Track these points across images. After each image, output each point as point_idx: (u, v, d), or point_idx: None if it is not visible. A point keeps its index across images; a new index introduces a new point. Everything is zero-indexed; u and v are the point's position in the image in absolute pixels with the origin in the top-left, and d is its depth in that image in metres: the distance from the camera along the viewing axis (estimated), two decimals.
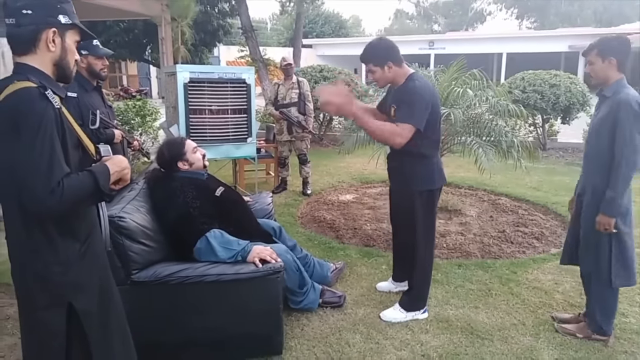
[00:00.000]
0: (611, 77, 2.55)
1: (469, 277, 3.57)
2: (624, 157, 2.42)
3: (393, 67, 2.73)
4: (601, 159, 2.54)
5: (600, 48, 2.53)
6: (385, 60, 2.71)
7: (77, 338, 1.53)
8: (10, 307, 3.03)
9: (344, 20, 37.67)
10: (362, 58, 2.78)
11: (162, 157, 2.88)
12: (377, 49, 2.75)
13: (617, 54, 2.51)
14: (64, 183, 1.33)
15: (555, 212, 5.21)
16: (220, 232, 2.61)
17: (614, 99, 2.48)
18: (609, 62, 2.52)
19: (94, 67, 3.30)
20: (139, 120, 6.69)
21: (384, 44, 2.77)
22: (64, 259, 1.45)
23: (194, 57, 15.52)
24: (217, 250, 2.53)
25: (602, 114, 2.55)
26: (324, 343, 2.72)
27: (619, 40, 2.57)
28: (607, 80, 2.56)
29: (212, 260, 2.53)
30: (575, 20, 38.29)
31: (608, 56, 2.51)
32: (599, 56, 2.54)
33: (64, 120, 1.42)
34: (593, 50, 2.56)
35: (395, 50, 2.75)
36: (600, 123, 2.56)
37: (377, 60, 2.73)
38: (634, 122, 2.41)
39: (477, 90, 4.81)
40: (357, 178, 6.91)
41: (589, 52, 2.59)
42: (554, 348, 2.69)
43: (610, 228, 2.50)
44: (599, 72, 2.57)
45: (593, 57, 2.56)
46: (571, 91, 8.47)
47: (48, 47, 1.45)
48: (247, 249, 2.56)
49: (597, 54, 2.54)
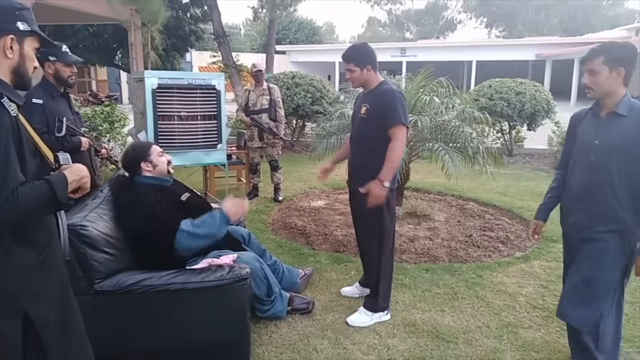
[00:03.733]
0: (617, 91, 2.13)
1: (436, 281, 3.63)
2: None
3: (371, 71, 2.94)
4: (633, 192, 2.13)
5: (607, 56, 2.10)
6: (365, 63, 2.91)
7: (35, 349, 1.49)
8: None
9: (317, 27, 37.94)
10: (345, 56, 2.95)
11: (126, 158, 2.87)
12: (362, 51, 2.96)
13: (626, 64, 2.10)
14: (19, 192, 1.31)
15: (520, 216, 5.35)
16: (188, 220, 2.62)
17: (637, 115, 2.10)
18: (617, 74, 2.10)
19: (61, 74, 3.25)
20: (107, 127, 6.57)
21: (367, 48, 2.99)
22: (20, 267, 1.43)
23: (165, 62, 15.38)
24: (198, 232, 2.57)
25: (622, 137, 2.12)
26: (292, 349, 2.72)
27: (627, 48, 2.14)
28: (612, 95, 2.15)
29: (200, 244, 2.59)
30: (542, 29, 39.46)
31: (617, 66, 2.09)
32: (605, 65, 2.10)
33: (20, 128, 1.40)
34: (598, 57, 2.12)
35: (375, 56, 2.97)
36: (628, 147, 2.11)
37: (359, 61, 2.92)
38: None
39: (444, 97, 4.92)
40: (328, 184, 6.93)
41: (592, 58, 2.14)
42: (517, 350, 2.76)
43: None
44: (603, 85, 2.13)
45: (598, 65, 2.12)
46: (536, 99, 8.72)
47: (5, 54, 1.43)
48: (219, 215, 2.63)
49: (604, 62, 2.10)
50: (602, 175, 2.18)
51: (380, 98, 2.89)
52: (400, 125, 2.82)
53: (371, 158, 2.92)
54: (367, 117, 2.93)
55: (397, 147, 2.82)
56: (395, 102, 2.83)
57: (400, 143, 2.83)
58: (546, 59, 26.07)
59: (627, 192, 2.13)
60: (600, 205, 2.20)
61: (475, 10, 45.63)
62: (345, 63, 2.95)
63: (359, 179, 3.07)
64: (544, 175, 7.79)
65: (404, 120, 2.84)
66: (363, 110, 2.95)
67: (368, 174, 2.95)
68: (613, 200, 2.16)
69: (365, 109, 2.94)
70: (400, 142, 2.83)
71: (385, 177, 2.78)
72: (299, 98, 9.23)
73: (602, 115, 2.22)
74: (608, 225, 2.18)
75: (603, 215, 2.20)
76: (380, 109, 2.87)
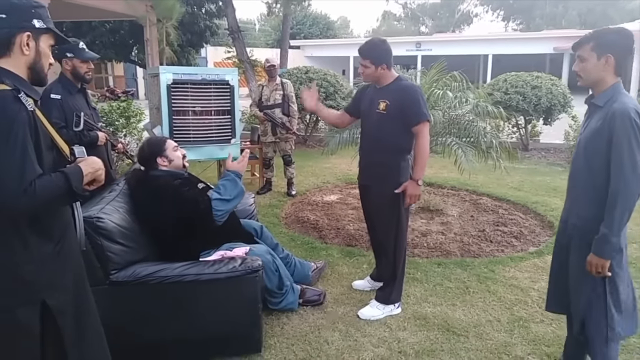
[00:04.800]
0: (606, 80, 2.03)
1: (448, 275, 3.64)
2: (621, 187, 1.92)
3: (385, 69, 2.93)
4: (593, 184, 2.05)
5: (597, 41, 2.01)
6: (381, 61, 2.90)
7: (52, 338, 1.54)
8: None
9: (331, 22, 37.84)
10: (362, 51, 2.94)
11: (142, 153, 2.94)
12: (379, 49, 2.94)
13: (617, 51, 1.99)
14: (36, 184, 1.36)
15: (534, 211, 5.31)
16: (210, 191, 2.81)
17: (609, 109, 1.97)
18: (605, 61, 2.00)
19: (78, 70, 3.31)
20: (123, 122, 6.67)
21: (385, 46, 2.97)
22: (38, 257, 1.48)
23: (180, 58, 15.49)
24: (226, 196, 2.77)
25: (593, 128, 2.04)
26: (303, 341, 2.76)
27: (620, 34, 2.03)
28: (600, 83, 2.06)
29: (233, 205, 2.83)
30: (560, 22, 38.82)
31: (605, 52, 1.99)
32: (594, 51, 2.01)
33: (37, 122, 1.45)
34: (587, 43, 2.03)
35: (391, 54, 2.96)
36: (590, 139, 2.05)
37: (374, 58, 2.91)
38: (633, 139, 1.89)
39: (458, 92, 4.89)
40: (341, 178, 6.96)
41: (582, 45, 2.06)
42: (528, 344, 2.76)
43: (604, 271, 2.00)
44: (591, 72, 2.05)
45: (586, 52, 2.03)
46: (552, 93, 8.61)
47: (22, 50, 1.48)
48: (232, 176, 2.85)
49: (593, 48, 2.01)
50: (576, 170, 2.18)
51: (402, 95, 2.89)
52: (425, 122, 2.87)
53: (387, 153, 2.94)
54: (387, 113, 2.90)
55: (425, 144, 2.88)
56: (418, 98, 2.86)
57: (427, 140, 2.89)
58: (564, 52, 25.61)
59: (590, 185, 2.07)
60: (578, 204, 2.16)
61: (492, 3, 45.02)
62: (361, 58, 2.95)
63: (372, 174, 3.08)
64: (559, 170, 7.70)
65: (429, 116, 2.89)
66: (382, 106, 2.90)
67: (382, 169, 2.97)
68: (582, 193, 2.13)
69: (385, 105, 2.90)
70: (427, 139, 2.88)
71: (418, 176, 2.90)
72: None
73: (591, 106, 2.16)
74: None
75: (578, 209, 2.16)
76: (402, 106, 2.86)
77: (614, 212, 1.93)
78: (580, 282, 2.13)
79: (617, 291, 2.08)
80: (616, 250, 2.00)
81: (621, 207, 1.93)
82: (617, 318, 2.08)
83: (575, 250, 2.15)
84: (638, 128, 1.90)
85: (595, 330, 2.10)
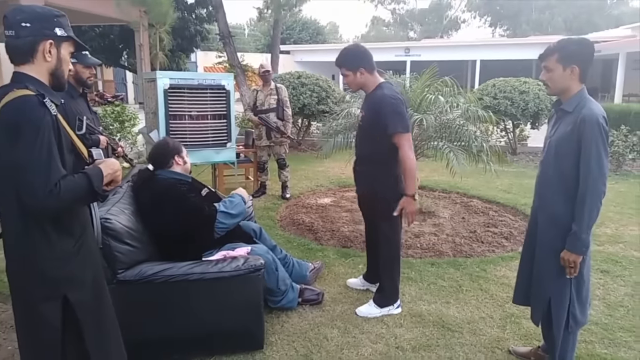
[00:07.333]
0: (572, 87, 2.17)
1: (441, 274, 3.75)
2: (590, 186, 2.07)
3: (365, 73, 2.86)
4: (563, 184, 2.18)
5: (561, 53, 2.14)
6: (357, 66, 2.84)
7: (72, 330, 1.62)
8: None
9: (321, 27, 38.02)
10: (337, 62, 2.90)
11: (160, 149, 2.98)
12: (351, 54, 2.89)
13: (581, 61, 2.13)
14: (61, 184, 1.44)
15: (524, 213, 5.44)
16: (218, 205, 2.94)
17: (577, 115, 2.11)
18: (571, 71, 2.14)
19: (81, 75, 3.39)
20: (117, 126, 6.72)
21: (357, 50, 2.91)
22: (60, 254, 1.55)
23: (171, 62, 15.50)
24: (232, 211, 2.92)
25: (563, 133, 2.18)
26: (303, 338, 2.84)
27: (582, 44, 2.18)
28: (567, 91, 2.19)
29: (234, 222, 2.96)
30: (546, 28, 39.37)
31: (570, 64, 2.13)
32: (559, 63, 2.15)
33: (60, 126, 1.53)
34: (552, 55, 2.17)
35: (368, 56, 2.87)
36: (560, 143, 2.19)
37: (350, 65, 2.86)
38: (600, 143, 2.05)
39: (449, 96, 5.02)
40: (334, 182, 7.06)
41: (547, 56, 2.20)
42: (519, 339, 2.87)
43: (576, 267, 2.15)
44: (558, 82, 2.19)
45: (552, 63, 2.17)
46: (539, 97, 8.81)
47: (45, 57, 1.56)
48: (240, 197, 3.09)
49: (557, 60, 2.15)
50: (546, 173, 2.30)
51: (374, 107, 2.81)
52: (399, 134, 2.74)
53: (370, 163, 2.98)
54: (363, 124, 2.92)
55: (406, 156, 2.76)
56: (388, 111, 2.73)
57: (407, 150, 2.75)
58: None
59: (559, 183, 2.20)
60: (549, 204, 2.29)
61: (479, 9, 45.56)
62: (339, 68, 2.89)
63: (359, 183, 3.14)
64: None
65: (401, 127, 2.74)
66: (360, 117, 2.92)
67: (367, 178, 3.01)
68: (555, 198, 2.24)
69: (361, 116, 2.90)
70: (405, 149, 2.75)
71: (410, 190, 2.80)
72: (304, 97, 9.36)
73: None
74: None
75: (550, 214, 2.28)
76: (372, 119, 2.82)
77: (584, 210, 2.09)
78: (545, 274, 2.28)
79: (580, 283, 2.24)
80: (587, 246, 2.14)
81: (589, 205, 2.08)
82: (579, 308, 2.24)
83: (542, 245, 2.30)
84: (605, 133, 2.07)
85: (557, 320, 2.25)
